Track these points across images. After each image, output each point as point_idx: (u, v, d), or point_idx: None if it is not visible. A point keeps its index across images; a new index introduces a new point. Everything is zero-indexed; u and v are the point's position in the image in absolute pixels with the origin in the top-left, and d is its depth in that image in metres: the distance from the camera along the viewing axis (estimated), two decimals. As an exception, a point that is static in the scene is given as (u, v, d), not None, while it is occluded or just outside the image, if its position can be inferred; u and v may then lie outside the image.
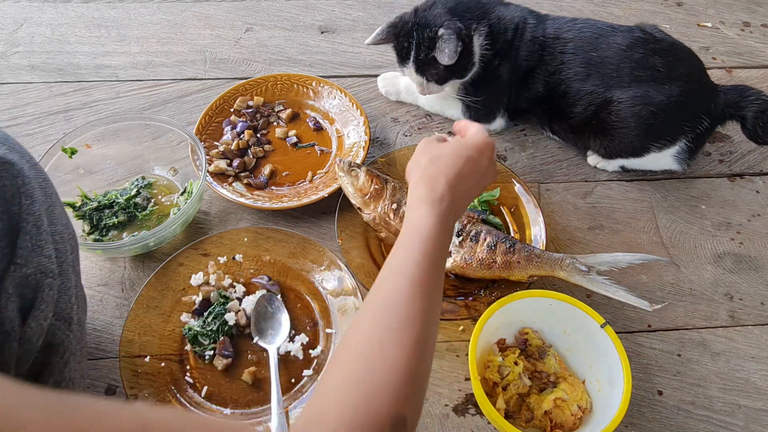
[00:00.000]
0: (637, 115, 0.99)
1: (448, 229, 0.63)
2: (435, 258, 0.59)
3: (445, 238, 0.62)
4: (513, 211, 1.02)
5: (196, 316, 0.88)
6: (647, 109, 0.98)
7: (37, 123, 1.16)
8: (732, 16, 1.45)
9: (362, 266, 0.93)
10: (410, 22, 1.00)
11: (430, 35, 0.98)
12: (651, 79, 0.98)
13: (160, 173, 1.06)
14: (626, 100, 0.99)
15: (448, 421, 0.83)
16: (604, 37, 1.01)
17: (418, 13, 1.01)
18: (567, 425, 0.78)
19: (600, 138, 1.06)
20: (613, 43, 1.00)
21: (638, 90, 0.98)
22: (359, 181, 0.96)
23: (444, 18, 0.98)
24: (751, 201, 1.10)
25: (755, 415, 0.85)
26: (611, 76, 1.00)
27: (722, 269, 1.00)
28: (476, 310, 0.89)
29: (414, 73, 1.04)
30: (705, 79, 1.03)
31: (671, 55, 1.00)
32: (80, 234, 0.96)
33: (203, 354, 0.85)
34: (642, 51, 0.99)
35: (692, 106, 1.00)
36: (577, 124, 1.06)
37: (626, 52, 0.99)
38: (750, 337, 0.92)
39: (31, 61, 1.28)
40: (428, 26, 0.98)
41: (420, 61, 1.01)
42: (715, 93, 1.01)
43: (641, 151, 1.05)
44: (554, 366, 0.83)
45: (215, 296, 0.90)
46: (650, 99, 0.98)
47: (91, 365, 0.86)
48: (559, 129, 1.13)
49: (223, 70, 1.28)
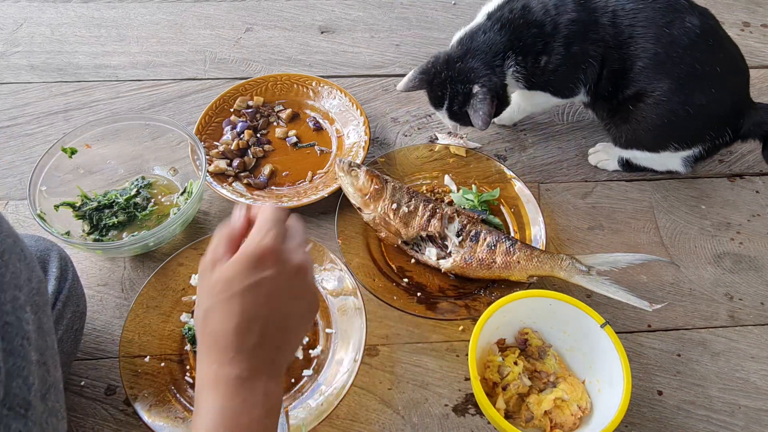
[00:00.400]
0: (673, 111, 0.94)
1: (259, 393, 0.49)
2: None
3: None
4: (513, 211, 1.02)
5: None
6: (685, 109, 0.94)
7: (37, 123, 1.16)
8: (732, 16, 1.45)
9: (362, 266, 0.93)
10: (443, 73, 0.98)
11: (464, 91, 0.96)
12: (705, 77, 0.93)
13: (160, 173, 1.06)
14: (671, 93, 0.93)
15: (448, 421, 0.83)
16: (679, 12, 0.92)
17: (450, 63, 0.97)
18: (567, 425, 0.78)
19: (625, 125, 1.01)
20: (688, 23, 0.91)
21: (689, 85, 0.93)
22: (359, 181, 0.96)
23: (479, 72, 0.95)
24: (751, 201, 1.10)
25: (755, 414, 0.85)
26: (675, 59, 0.91)
27: (722, 269, 1.00)
28: (476, 310, 0.89)
29: (448, 119, 1.03)
30: (747, 92, 1.00)
31: (732, 58, 0.96)
32: (80, 234, 0.96)
33: None
34: (712, 42, 0.92)
35: (727, 118, 0.97)
36: (617, 105, 1.00)
37: (698, 39, 0.91)
38: (750, 337, 0.92)
39: (31, 61, 1.28)
40: (462, 81, 0.96)
41: (454, 111, 1.00)
42: (750, 109, 0.98)
43: (658, 148, 1.02)
44: (554, 366, 0.83)
45: None
46: (693, 100, 0.93)
47: (91, 365, 0.86)
48: (601, 106, 1.06)
49: (223, 70, 1.28)
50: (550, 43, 0.95)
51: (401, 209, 0.94)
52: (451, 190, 1.05)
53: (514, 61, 0.96)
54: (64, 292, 0.74)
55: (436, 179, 1.07)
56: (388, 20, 1.41)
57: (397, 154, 1.09)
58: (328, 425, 0.81)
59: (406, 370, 0.87)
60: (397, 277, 0.95)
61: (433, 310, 0.89)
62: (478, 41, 0.96)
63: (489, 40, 0.96)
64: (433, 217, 0.94)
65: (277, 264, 0.51)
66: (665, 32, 0.91)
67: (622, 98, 0.99)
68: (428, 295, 0.92)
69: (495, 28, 0.96)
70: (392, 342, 0.90)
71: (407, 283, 0.94)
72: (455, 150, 1.10)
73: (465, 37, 0.99)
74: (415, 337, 0.90)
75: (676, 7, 0.92)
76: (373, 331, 0.90)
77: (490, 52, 0.96)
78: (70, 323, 0.75)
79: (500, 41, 0.96)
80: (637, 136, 1.02)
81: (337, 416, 0.82)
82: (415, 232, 0.94)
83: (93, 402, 0.83)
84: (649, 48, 0.92)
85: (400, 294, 0.91)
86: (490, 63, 0.96)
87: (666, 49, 0.92)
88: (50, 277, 0.73)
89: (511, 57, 0.96)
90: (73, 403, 0.82)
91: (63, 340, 0.73)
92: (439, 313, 0.89)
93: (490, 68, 0.96)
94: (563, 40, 0.94)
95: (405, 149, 1.10)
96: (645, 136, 1.01)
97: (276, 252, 0.52)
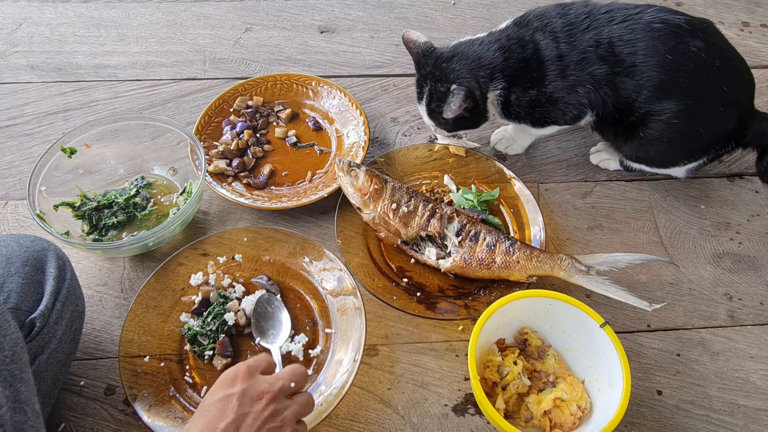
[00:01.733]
0: (682, 133, 0.95)
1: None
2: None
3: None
4: (512, 210, 1.02)
5: (196, 316, 0.88)
6: (695, 129, 0.95)
7: (37, 123, 1.16)
8: (731, 16, 1.45)
9: (362, 266, 0.93)
10: (427, 68, 0.98)
11: (443, 89, 0.96)
12: (713, 97, 0.93)
13: (160, 173, 1.06)
14: (681, 115, 0.93)
15: (448, 421, 0.83)
16: (681, 38, 0.90)
17: (438, 61, 0.97)
18: (566, 425, 0.78)
19: (633, 144, 1.01)
20: (693, 47, 0.90)
21: (697, 106, 0.93)
22: (359, 181, 0.96)
23: (461, 75, 0.95)
24: (750, 201, 1.10)
25: (754, 414, 0.85)
26: (682, 85, 0.91)
27: (721, 269, 1.00)
28: (476, 310, 0.89)
29: (425, 116, 1.03)
30: (752, 104, 1.00)
31: (739, 73, 0.96)
32: (79, 234, 0.96)
33: (203, 354, 0.85)
34: (719, 62, 0.92)
35: (733, 132, 0.98)
36: (623, 130, 1.01)
37: (704, 62, 0.91)
38: (749, 337, 0.92)
39: (30, 60, 1.28)
40: (442, 81, 0.96)
41: (432, 109, 1.00)
42: (753, 120, 0.98)
43: (669, 165, 1.03)
44: (553, 366, 0.83)
45: (215, 296, 0.90)
46: (702, 120, 0.94)
47: (91, 365, 0.86)
48: (607, 130, 1.04)
49: (222, 69, 1.28)
50: (539, 77, 0.95)
51: (401, 209, 0.94)
52: (450, 190, 1.05)
53: (502, 84, 0.95)
54: (63, 292, 0.74)
55: (436, 179, 1.07)
56: (388, 20, 1.41)
57: (397, 154, 1.09)
58: (327, 425, 0.81)
59: (405, 370, 0.87)
60: (396, 277, 0.95)
61: (433, 310, 0.89)
62: (471, 49, 0.96)
63: (482, 53, 0.95)
64: (432, 217, 0.94)
65: (271, 403, 0.64)
66: (668, 59, 0.90)
67: (628, 123, 0.98)
68: (428, 295, 0.92)
69: (492, 47, 0.95)
70: (392, 342, 0.89)
71: (407, 283, 0.94)
72: (455, 150, 1.10)
73: (461, 43, 0.99)
74: (414, 337, 0.90)
75: (677, 32, 0.91)
76: (373, 331, 0.90)
77: (478, 63, 0.95)
78: (69, 323, 0.75)
79: (494, 58, 0.94)
80: (647, 155, 1.02)
81: (336, 416, 0.82)
82: (414, 232, 0.94)
83: (92, 402, 0.83)
84: (654, 77, 0.91)
85: (399, 294, 0.91)
86: (474, 72, 0.95)
87: (671, 76, 0.91)
88: (48, 277, 0.73)
89: (499, 80, 0.95)
90: (72, 403, 0.82)
91: (62, 340, 0.73)
92: (439, 312, 0.89)
93: (473, 77, 0.95)
94: (552, 75, 0.94)
95: (405, 149, 1.10)
96: (655, 156, 1.01)
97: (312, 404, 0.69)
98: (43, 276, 0.73)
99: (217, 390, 0.65)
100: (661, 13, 0.92)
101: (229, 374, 0.66)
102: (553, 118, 1.00)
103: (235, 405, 0.62)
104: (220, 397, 0.64)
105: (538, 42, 0.94)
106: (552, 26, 0.94)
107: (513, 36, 0.96)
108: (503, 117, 1.01)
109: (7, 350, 0.57)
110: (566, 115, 0.98)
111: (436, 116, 1.01)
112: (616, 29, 0.92)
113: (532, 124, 1.02)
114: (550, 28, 0.94)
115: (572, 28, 0.94)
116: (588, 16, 0.94)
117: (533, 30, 0.95)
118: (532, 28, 0.96)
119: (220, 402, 0.63)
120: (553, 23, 0.95)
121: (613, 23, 0.93)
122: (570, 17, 0.95)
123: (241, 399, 0.63)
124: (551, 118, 0.99)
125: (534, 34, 0.95)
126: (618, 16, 0.93)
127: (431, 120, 1.03)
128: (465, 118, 0.99)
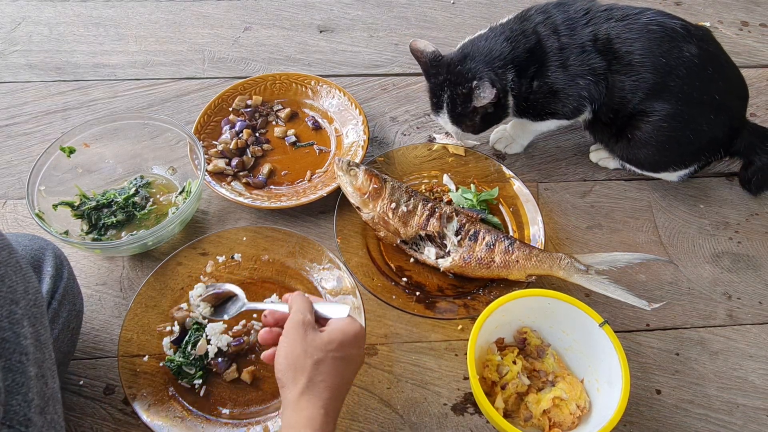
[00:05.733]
0: (671, 138, 0.96)
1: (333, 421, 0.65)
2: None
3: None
4: (512, 210, 1.02)
5: (174, 346, 0.85)
6: (684, 135, 0.96)
7: (35, 122, 1.16)
8: (730, 16, 1.45)
9: (361, 265, 0.93)
10: (441, 76, 0.98)
11: (464, 91, 0.95)
12: (704, 104, 0.94)
13: (159, 172, 1.06)
14: (670, 119, 0.94)
15: (447, 420, 0.83)
16: (676, 42, 0.92)
17: (450, 67, 0.97)
18: (566, 424, 0.78)
19: (624, 144, 1.02)
20: (686, 52, 0.92)
21: (688, 112, 0.94)
22: (358, 181, 0.96)
23: (479, 70, 0.94)
24: (749, 200, 1.10)
25: (753, 413, 0.85)
26: (673, 89, 0.93)
27: (720, 268, 1.00)
28: (475, 309, 0.89)
29: (449, 123, 1.03)
30: (744, 116, 1.01)
31: (731, 84, 0.97)
32: (78, 233, 0.96)
33: (192, 383, 0.82)
34: (711, 70, 0.93)
35: (724, 140, 0.99)
36: (616, 131, 1.02)
37: (696, 68, 0.92)
38: (748, 336, 0.92)
39: (29, 60, 1.28)
40: (461, 83, 0.95)
41: (456, 114, 0.99)
42: (743, 130, 1.00)
43: (659, 169, 1.04)
44: (553, 365, 0.83)
45: (189, 323, 0.86)
46: (691, 127, 0.95)
47: (90, 365, 0.86)
48: (600, 130, 1.06)
49: (221, 69, 1.28)
50: (542, 68, 0.96)
51: (400, 208, 0.94)
52: (449, 190, 1.05)
53: (513, 74, 0.96)
54: (60, 291, 0.74)
55: (435, 178, 1.07)
56: (387, 19, 1.41)
57: (396, 154, 1.09)
58: (327, 424, 0.81)
59: (405, 370, 0.87)
60: (396, 276, 0.95)
61: (432, 310, 0.89)
62: (480, 45, 0.97)
63: (491, 46, 0.96)
64: (431, 217, 0.94)
65: (361, 346, 0.69)
66: (662, 62, 0.92)
67: (620, 124, 1.00)
68: (427, 295, 0.92)
69: (500, 39, 0.96)
70: (391, 341, 0.90)
71: (406, 283, 0.94)
72: (454, 149, 1.10)
73: (467, 44, 0.99)
74: (414, 336, 0.90)
75: (672, 36, 0.92)
76: (372, 331, 0.90)
77: (491, 56, 0.96)
78: (67, 322, 0.75)
79: (503, 49, 0.95)
80: (636, 157, 1.03)
81: (336, 415, 0.82)
82: (413, 231, 0.94)
83: (92, 401, 0.82)
84: (648, 78, 0.93)
85: (399, 293, 0.91)
86: (491, 65, 0.95)
87: (663, 78, 0.93)
88: (45, 275, 0.73)
89: (511, 71, 0.96)
90: (71, 403, 0.82)
91: (59, 338, 0.73)
92: (438, 312, 0.89)
93: (490, 68, 0.95)
94: (554, 66, 0.95)
95: (404, 148, 1.10)
96: (644, 160, 1.03)
97: (363, 338, 0.71)
98: (40, 274, 0.73)
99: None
100: (658, 16, 0.94)
101: (340, 338, 0.67)
102: (553, 110, 1.00)
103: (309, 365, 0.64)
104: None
105: (541, 33, 0.96)
106: (553, 20, 0.96)
107: (516, 28, 0.97)
108: (515, 113, 1.02)
109: (31, 295, 0.58)
110: (566, 107, 0.99)
111: (462, 120, 1.00)
112: (614, 26, 0.94)
113: (533, 117, 1.02)
114: (551, 21, 0.96)
115: (572, 23, 0.96)
116: (587, 13, 0.96)
117: (535, 23, 0.97)
118: (534, 21, 0.97)
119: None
120: (554, 17, 0.97)
121: (611, 20, 0.95)
122: (570, 13, 0.96)
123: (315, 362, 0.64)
124: (551, 109, 1.00)
125: (536, 26, 0.97)
126: (616, 15, 0.95)
127: (456, 126, 1.02)
128: (490, 114, 0.99)
